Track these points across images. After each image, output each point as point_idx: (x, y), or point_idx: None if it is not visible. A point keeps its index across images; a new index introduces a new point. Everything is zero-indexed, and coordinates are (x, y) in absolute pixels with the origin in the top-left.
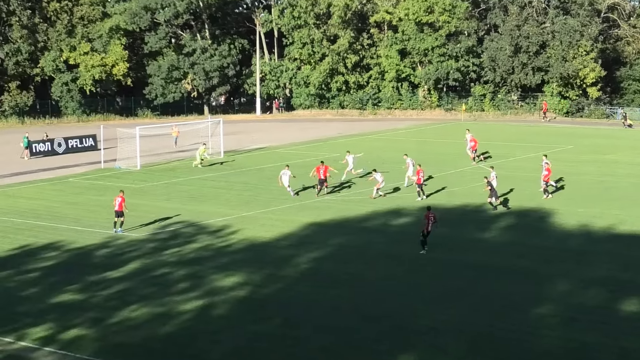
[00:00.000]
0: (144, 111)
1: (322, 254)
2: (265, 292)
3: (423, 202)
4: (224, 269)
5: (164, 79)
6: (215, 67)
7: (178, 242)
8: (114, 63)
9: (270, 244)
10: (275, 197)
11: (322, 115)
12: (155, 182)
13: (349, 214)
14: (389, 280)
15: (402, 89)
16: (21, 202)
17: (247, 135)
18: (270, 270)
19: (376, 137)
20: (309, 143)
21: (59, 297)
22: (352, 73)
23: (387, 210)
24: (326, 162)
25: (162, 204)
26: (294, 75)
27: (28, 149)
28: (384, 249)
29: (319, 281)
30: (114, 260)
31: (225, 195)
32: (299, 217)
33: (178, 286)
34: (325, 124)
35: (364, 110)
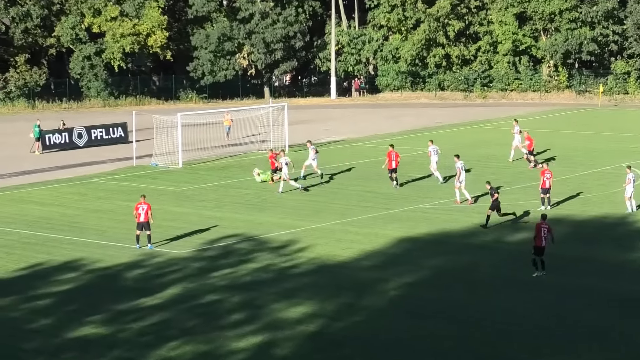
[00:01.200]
0: (187, 93)
1: (415, 278)
2: (341, 326)
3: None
4: (288, 297)
5: (213, 53)
6: (278, 37)
7: (230, 261)
8: (150, 32)
9: (349, 264)
10: (355, 203)
11: (416, 98)
12: (202, 184)
13: (451, 226)
14: (504, 313)
15: (521, 65)
16: (31, 208)
17: (319, 124)
18: (347, 299)
19: (485, 128)
20: (398, 135)
21: (78, 331)
22: (455, 44)
23: (498, 222)
24: (418, 159)
25: (210, 212)
26: (379, 47)
27: (40, 140)
28: (495, 272)
29: (411, 313)
30: (149, 284)
31: (291, 202)
32: (386, 231)
33: (230, 318)
34: (419, 111)
35: (470, 92)
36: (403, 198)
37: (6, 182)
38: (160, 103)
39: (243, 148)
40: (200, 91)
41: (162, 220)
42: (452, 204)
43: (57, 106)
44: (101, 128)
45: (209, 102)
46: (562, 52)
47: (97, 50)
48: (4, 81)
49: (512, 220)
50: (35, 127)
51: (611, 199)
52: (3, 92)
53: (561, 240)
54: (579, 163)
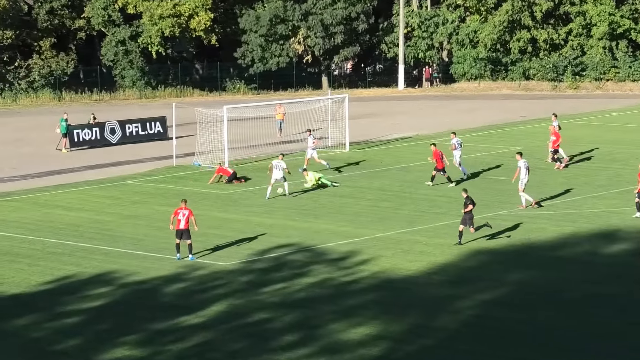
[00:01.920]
0: (234, 83)
1: (495, 296)
2: (409, 350)
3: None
4: (348, 315)
5: (264, 37)
6: (339, 18)
7: (283, 274)
8: (192, 13)
9: (418, 279)
10: (425, 209)
11: (497, 89)
12: (251, 186)
13: (537, 236)
14: (594, 337)
15: (619, 51)
16: (57, 214)
17: (385, 119)
18: (416, 319)
19: (578, 123)
20: (476, 131)
21: (109, 353)
22: (543, 27)
23: (593, 231)
24: (500, 159)
25: (260, 218)
26: (455, 30)
27: (67, 136)
28: (590, 289)
29: (490, 336)
30: (190, 300)
31: (353, 208)
32: (462, 242)
33: (282, 339)
34: (500, 103)
35: (559, 82)
36: (481, 204)
37: (30, 184)
38: (204, 94)
39: (297, 146)
40: (250, 81)
41: (206, 227)
42: (535, 209)
43: (86, 98)
44: (137, 123)
45: (259, 93)
46: None
47: (132, 34)
48: (27, 69)
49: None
50: (62, 121)
51: None
52: (26, 81)
53: None
54: None
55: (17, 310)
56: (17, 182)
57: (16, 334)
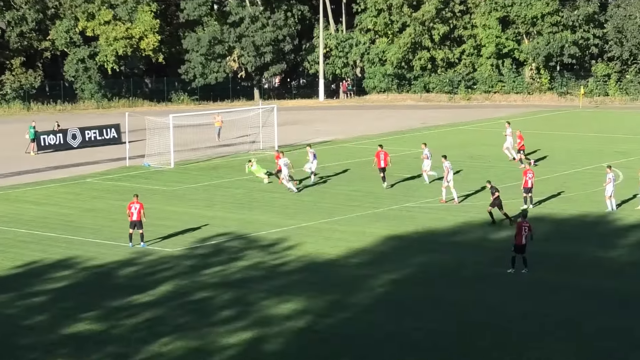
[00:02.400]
0: (179, 95)
1: (402, 276)
2: (330, 322)
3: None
4: (278, 293)
5: (204, 56)
6: (268, 40)
7: (221, 259)
8: (142, 35)
9: (337, 262)
10: (342, 202)
11: (402, 100)
12: (193, 183)
13: (437, 225)
14: (484, 309)
15: (504, 68)
16: (26, 208)
17: (308, 125)
18: (335, 296)
19: (469, 129)
20: (384, 136)
21: (72, 327)
22: (440, 48)
23: (485, 221)
24: (405, 159)
25: (201, 211)
26: (366, 50)
27: (35, 141)
28: (480, 269)
29: (396, 310)
30: (142, 282)
31: (280, 201)
32: (373, 229)
33: (221, 314)
34: (405, 112)
35: (454, 94)
36: (390, 197)
37: (2, 182)
38: (153, 105)
39: (233, 149)
40: (192, 93)
41: (155, 219)
42: (437, 202)
43: (51, 108)
44: (95, 129)
45: (200, 104)
46: (544, 55)
47: (90, 53)
48: (0, 84)
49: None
50: (30, 128)
51: (592, 198)
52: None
53: (542, 238)
54: (560, 162)
55: None
56: None
57: None
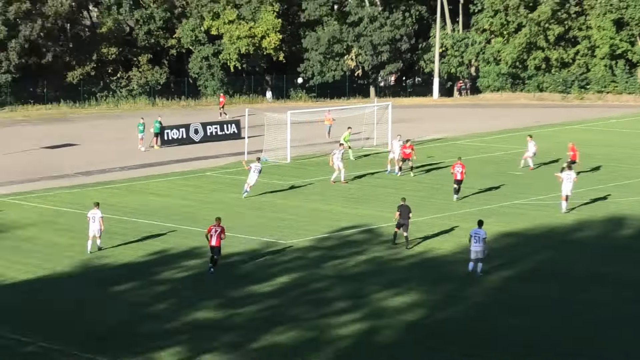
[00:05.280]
0: (297, 93)
1: (514, 273)
2: (441, 316)
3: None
4: (391, 286)
5: (322, 54)
6: (385, 39)
7: (337, 252)
8: (265, 34)
9: (448, 258)
10: (451, 201)
11: (516, 99)
12: (309, 178)
13: (551, 222)
14: (599, 310)
15: (617, 68)
16: (150, 199)
17: (421, 123)
18: (448, 291)
19: (583, 128)
20: (497, 134)
21: (191, 315)
22: (555, 48)
23: (603, 218)
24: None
25: (316, 205)
26: (481, 50)
27: (159, 135)
28: (596, 269)
29: (508, 306)
30: (261, 273)
31: (391, 197)
32: (485, 226)
33: (335, 305)
34: (518, 111)
35: (567, 94)
36: (500, 194)
37: (128, 174)
38: (272, 101)
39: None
40: (310, 91)
41: (270, 211)
42: (548, 199)
43: (175, 104)
44: (216, 125)
45: (318, 101)
46: None
47: (214, 51)
48: (127, 79)
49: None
50: (155, 122)
51: None
52: (126, 89)
53: None
54: None
55: (118, 278)
56: (116, 173)
57: (116, 297)
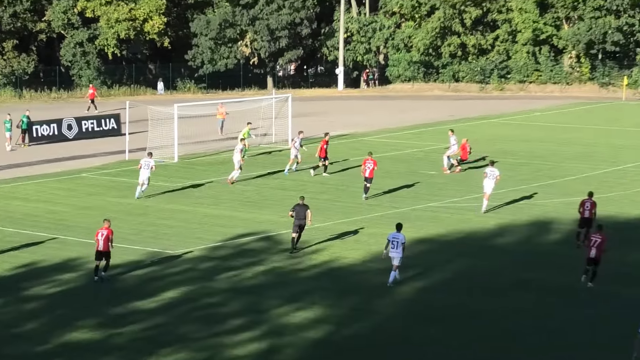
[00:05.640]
0: (185, 83)
1: (429, 283)
2: (348, 333)
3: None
4: (293, 300)
5: (213, 40)
6: (283, 23)
7: (231, 263)
8: (147, 17)
9: (356, 267)
10: (361, 202)
11: (429, 90)
12: (199, 179)
13: (469, 227)
14: (519, 317)
15: (541, 56)
16: (16, 205)
17: (325, 117)
18: (355, 304)
19: (503, 122)
20: (409, 129)
21: (67, 336)
22: (472, 33)
23: (526, 222)
24: (430, 155)
25: (208, 209)
26: (391, 35)
27: (26, 132)
28: (517, 276)
29: (423, 319)
30: (145, 288)
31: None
32: None
33: (230, 323)
34: (432, 103)
35: (486, 84)
36: (412, 196)
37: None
38: (156, 93)
39: None
40: (199, 81)
41: (156, 217)
42: (463, 202)
43: (46, 95)
44: (92, 119)
45: (208, 92)
46: (585, 42)
47: (90, 37)
48: None
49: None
50: (23, 117)
51: (633, 198)
52: None
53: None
54: (600, 160)
55: None
56: None
57: None
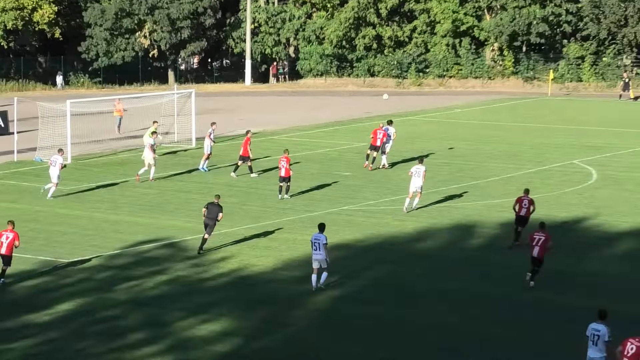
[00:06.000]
0: (78, 77)
1: (345, 292)
2: (258, 346)
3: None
4: (199, 312)
5: (109, 30)
6: (185, 13)
7: (131, 272)
8: (36, 5)
9: (266, 275)
10: (271, 205)
11: (342, 85)
12: (95, 182)
13: (387, 231)
14: (441, 331)
15: (461, 48)
16: None
17: (232, 114)
18: (266, 315)
19: (421, 119)
20: (322, 127)
21: None
22: (388, 24)
23: (447, 226)
24: (345, 155)
25: (105, 215)
26: (301, 26)
27: None
28: (439, 285)
29: (339, 331)
30: (37, 300)
31: (200, 203)
32: (308, 237)
33: (130, 337)
34: (346, 100)
35: (403, 79)
36: (327, 199)
37: None
38: (47, 88)
39: (141, 141)
40: (94, 75)
41: (49, 224)
42: (381, 206)
43: None
44: None
45: (104, 87)
46: (508, 33)
47: None
48: None
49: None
50: None
51: (560, 200)
52: None
53: (504, 248)
54: (526, 160)
55: None
56: None
57: None
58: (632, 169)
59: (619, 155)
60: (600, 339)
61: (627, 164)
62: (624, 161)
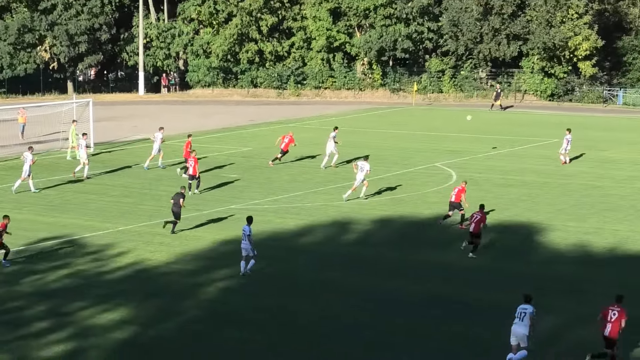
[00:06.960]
0: None
1: (232, 284)
2: (154, 333)
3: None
4: (98, 303)
5: (12, 45)
6: (82, 29)
7: (35, 267)
8: None
9: (161, 269)
10: (165, 204)
11: (228, 96)
12: (1, 184)
13: (269, 228)
14: (328, 320)
15: (335, 62)
16: None
17: (127, 121)
18: (159, 305)
19: (300, 126)
20: (209, 133)
21: None
22: (269, 40)
23: (325, 223)
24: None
25: (10, 214)
26: (190, 41)
27: None
28: (316, 277)
29: (227, 320)
30: None
31: (97, 203)
32: (199, 232)
33: (35, 325)
34: (231, 108)
35: (283, 89)
36: (214, 199)
37: None
38: None
39: (44, 146)
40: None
41: None
42: (265, 204)
43: None
44: None
45: (8, 97)
46: (377, 49)
47: None
48: None
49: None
50: None
51: (425, 199)
52: None
53: (377, 243)
54: (392, 162)
55: None
56: None
57: None
58: (488, 171)
59: (476, 159)
60: (526, 315)
61: (483, 167)
62: (480, 164)
